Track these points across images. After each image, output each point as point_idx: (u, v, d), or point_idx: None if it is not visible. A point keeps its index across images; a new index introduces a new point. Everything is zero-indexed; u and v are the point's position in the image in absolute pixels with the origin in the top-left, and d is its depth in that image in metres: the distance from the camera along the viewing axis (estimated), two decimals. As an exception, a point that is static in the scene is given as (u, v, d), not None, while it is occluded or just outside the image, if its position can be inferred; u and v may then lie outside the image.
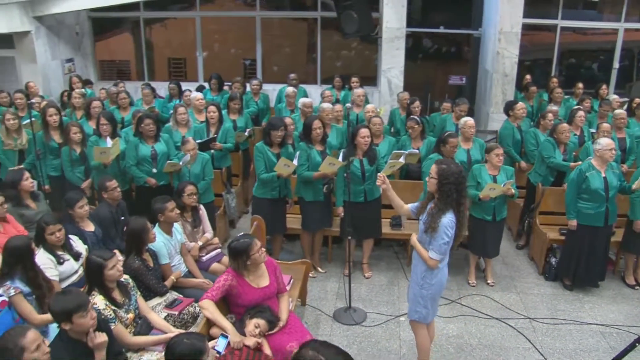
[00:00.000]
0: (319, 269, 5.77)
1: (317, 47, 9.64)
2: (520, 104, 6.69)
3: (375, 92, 8.70)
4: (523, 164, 6.50)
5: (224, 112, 6.88)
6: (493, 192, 4.97)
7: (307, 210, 5.54)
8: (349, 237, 5.09)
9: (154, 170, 5.74)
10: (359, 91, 7.38)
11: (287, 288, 4.27)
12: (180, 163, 5.53)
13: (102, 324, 3.19)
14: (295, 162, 5.19)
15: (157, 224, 4.50)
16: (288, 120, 5.88)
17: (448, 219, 3.50)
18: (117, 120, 6.35)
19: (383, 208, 5.73)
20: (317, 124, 5.29)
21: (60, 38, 9.39)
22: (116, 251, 3.83)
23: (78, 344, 3.02)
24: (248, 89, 8.37)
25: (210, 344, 3.26)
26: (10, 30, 8.34)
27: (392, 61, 8.09)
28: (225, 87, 8.40)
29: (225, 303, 3.88)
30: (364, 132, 5.22)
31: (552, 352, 4.48)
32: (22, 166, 5.85)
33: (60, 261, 4.03)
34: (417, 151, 5.80)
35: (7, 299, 3.53)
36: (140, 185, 5.81)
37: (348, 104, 5.10)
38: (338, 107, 6.59)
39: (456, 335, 4.74)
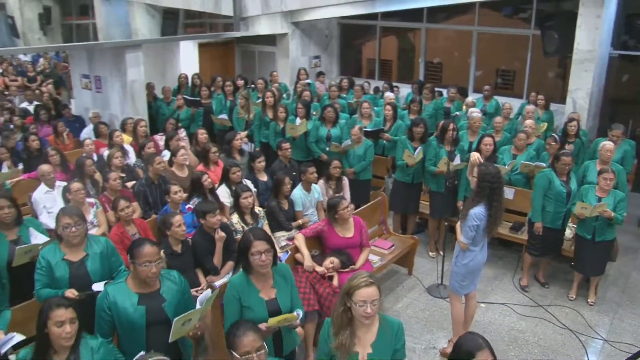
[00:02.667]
0: (430, 254, 6.69)
1: (526, 62, 10.05)
2: None
3: (561, 110, 8.83)
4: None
5: (405, 112, 8.15)
6: (585, 211, 5.24)
7: (433, 199, 6.52)
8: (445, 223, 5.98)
9: (327, 149, 7.35)
10: (507, 104, 8.01)
11: (371, 245, 5.46)
12: (342, 145, 7.01)
13: (227, 229, 4.94)
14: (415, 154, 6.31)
15: (300, 183, 6.10)
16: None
17: (476, 211, 4.28)
18: (312, 107, 8.17)
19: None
20: (451, 127, 6.23)
21: (311, 39, 11.73)
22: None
23: (208, 234, 4.80)
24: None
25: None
26: (273, 32, 10.96)
27: (579, 82, 8.17)
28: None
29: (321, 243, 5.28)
30: (487, 140, 6.01)
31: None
32: (245, 132, 8.08)
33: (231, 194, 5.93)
34: (543, 165, 6.21)
35: (192, 206, 5.52)
36: (315, 159, 7.46)
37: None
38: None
39: (519, 330, 5.24)
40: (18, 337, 3.12)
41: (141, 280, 3.07)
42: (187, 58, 11.53)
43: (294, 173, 6.67)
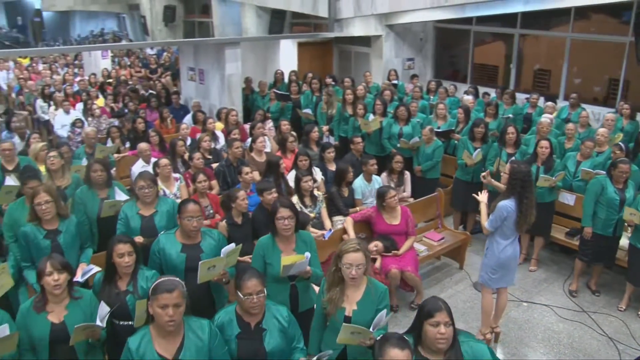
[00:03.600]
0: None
1: (621, 71, 9.72)
2: None
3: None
4: None
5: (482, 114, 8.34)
6: (634, 217, 5.23)
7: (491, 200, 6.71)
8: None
9: (398, 145, 7.75)
10: (584, 112, 7.90)
11: (415, 233, 5.84)
12: (410, 142, 7.38)
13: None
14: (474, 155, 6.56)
15: (362, 173, 6.58)
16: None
17: (505, 203, 4.55)
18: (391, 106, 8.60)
19: (563, 217, 6.46)
20: (511, 129, 6.41)
21: (405, 41, 12.09)
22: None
23: (266, 210, 5.43)
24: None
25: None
26: (366, 33, 11.48)
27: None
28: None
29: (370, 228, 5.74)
30: (543, 143, 6.13)
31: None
32: (327, 126, 8.70)
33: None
34: (603, 172, 6.18)
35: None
36: (386, 155, 7.88)
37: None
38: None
39: (555, 331, 5.35)
40: (96, 269, 3.93)
41: (185, 232, 3.77)
42: (287, 56, 12.38)
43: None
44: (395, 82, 10.56)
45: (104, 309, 3.16)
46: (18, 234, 4.28)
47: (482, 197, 4.93)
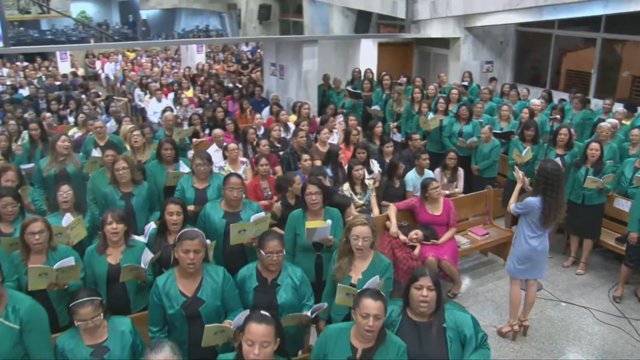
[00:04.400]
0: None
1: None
2: None
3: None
4: None
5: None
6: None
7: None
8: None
9: (457, 144, 7.97)
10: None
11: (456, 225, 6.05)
12: (468, 142, 7.58)
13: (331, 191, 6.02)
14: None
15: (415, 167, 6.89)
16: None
17: (530, 199, 4.77)
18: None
19: (617, 222, 6.43)
20: (563, 131, 6.50)
21: (484, 44, 12.12)
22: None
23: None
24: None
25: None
26: (444, 35, 11.66)
27: None
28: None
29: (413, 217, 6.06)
30: (593, 145, 6.17)
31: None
32: (395, 123, 9.07)
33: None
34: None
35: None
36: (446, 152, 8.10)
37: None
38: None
39: (589, 332, 5.40)
40: (154, 225, 4.60)
41: (228, 201, 4.35)
42: (367, 55, 12.80)
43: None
44: (465, 83, 10.68)
45: (147, 255, 3.82)
46: (98, 196, 5.11)
47: (519, 175, 5.10)
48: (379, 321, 2.81)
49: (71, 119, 10.38)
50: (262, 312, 2.71)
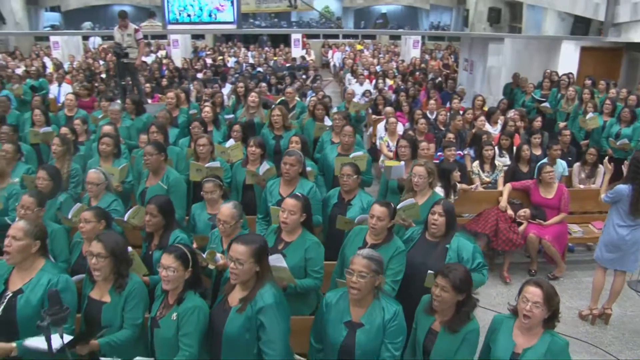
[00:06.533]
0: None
1: None
2: None
3: None
4: None
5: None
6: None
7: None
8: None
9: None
10: None
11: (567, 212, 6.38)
12: (617, 143, 7.67)
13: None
14: None
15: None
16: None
17: (621, 187, 5.06)
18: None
19: None
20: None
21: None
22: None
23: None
24: None
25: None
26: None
27: None
28: None
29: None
30: None
31: None
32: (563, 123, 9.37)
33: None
34: None
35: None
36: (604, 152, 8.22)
37: None
38: None
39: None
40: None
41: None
42: (568, 58, 12.75)
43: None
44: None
45: None
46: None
47: (609, 166, 5.43)
48: (382, 222, 3.83)
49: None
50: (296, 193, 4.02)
